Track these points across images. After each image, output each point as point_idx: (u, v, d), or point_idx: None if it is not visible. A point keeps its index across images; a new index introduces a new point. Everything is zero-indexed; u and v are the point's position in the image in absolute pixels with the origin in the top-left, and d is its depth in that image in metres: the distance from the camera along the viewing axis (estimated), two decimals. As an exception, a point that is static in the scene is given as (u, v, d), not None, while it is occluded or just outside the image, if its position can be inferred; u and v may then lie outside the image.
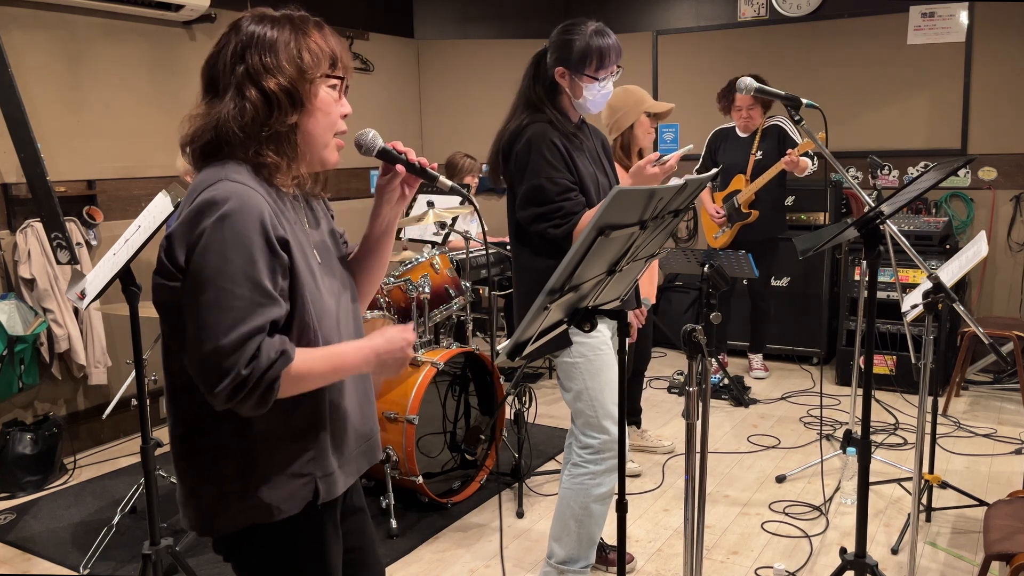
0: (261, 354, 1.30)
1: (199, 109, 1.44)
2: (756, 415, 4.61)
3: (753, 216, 4.88)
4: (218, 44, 1.44)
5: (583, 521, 2.63)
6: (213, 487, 1.42)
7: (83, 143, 4.25)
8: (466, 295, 3.92)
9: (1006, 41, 5.18)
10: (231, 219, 1.31)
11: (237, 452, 1.41)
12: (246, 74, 1.39)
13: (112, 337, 4.33)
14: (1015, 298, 5.33)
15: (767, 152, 4.87)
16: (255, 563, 1.48)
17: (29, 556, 3.20)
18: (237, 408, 1.33)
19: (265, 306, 1.32)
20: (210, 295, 1.30)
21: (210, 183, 1.35)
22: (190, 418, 1.43)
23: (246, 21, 1.43)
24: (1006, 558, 2.19)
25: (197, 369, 1.32)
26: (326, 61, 1.44)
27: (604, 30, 2.50)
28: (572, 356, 2.57)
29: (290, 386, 1.36)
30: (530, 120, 2.51)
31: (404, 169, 1.55)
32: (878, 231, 2.12)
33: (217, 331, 1.29)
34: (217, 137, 1.40)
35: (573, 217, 2.43)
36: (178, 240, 1.33)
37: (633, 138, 3.50)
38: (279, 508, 1.42)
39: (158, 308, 1.40)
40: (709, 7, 6.03)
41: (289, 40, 1.41)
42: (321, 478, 1.46)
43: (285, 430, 1.42)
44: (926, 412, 2.80)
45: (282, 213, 1.42)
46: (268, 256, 1.34)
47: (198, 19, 4.65)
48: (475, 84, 6.48)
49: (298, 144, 1.44)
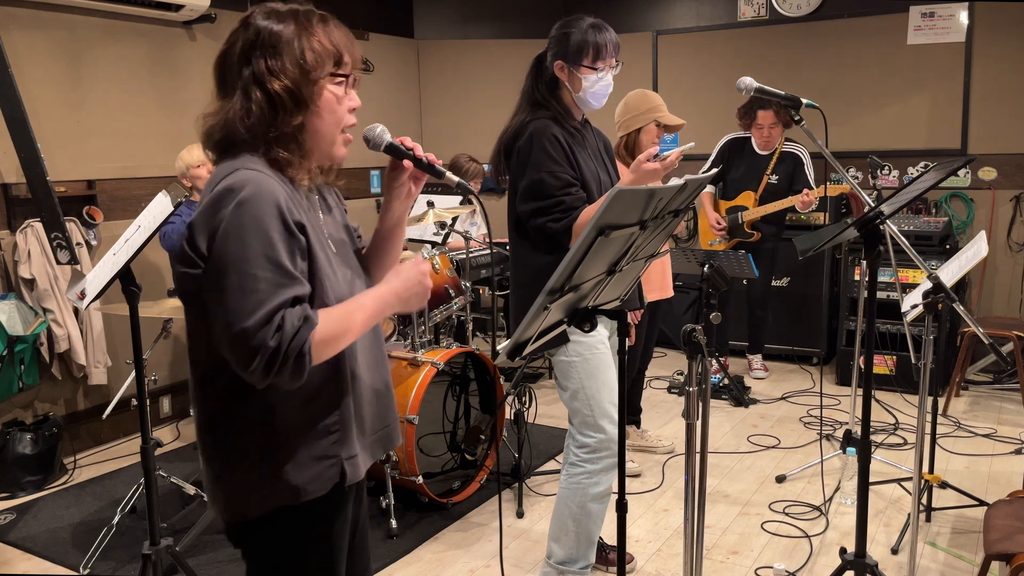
0: (285, 324, 1.33)
1: (212, 107, 1.47)
2: (756, 415, 4.61)
3: (755, 237, 4.89)
4: (228, 41, 1.46)
5: (581, 520, 2.63)
6: (240, 472, 1.45)
7: (83, 143, 4.25)
8: (466, 295, 3.92)
9: (1006, 41, 5.18)
10: (248, 204, 1.34)
11: (262, 437, 1.43)
12: (252, 76, 1.42)
13: (112, 337, 4.33)
14: (1015, 298, 5.33)
15: (782, 178, 4.85)
16: (277, 547, 1.49)
17: (29, 556, 3.20)
18: (276, 382, 1.35)
19: (287, 286, 1.35)
20: (233, 279, 1.33)
21: (227, 173, 1.39)
22: (215, 405, 1.45)
23: (255, 16, 1.45)
24: (1006, 558, 2.19)
25: (229, 352, 1.35)
26: (330, 60, 1.45)
27: (601, 24, 2.52)
28: (569, 355, 2.57)
29: (322, 349, 1.38)
30: (533, 116, 2.53)
31: (412, 165, 1.57)
32: (878, 231, 2.12)
33: (242, 313, 1.32)
34: (226, 136, 1.44)
35: (573, 212, 2.44)
36: (199, 228, 1.36)
37: (638, 142, 3.51)
38: (306, 490, 1.44)
39: (181, 297, 1.44)
40: (709, 7, 6.03)
41: (293, 39, 1.42)
42: (347, 460, 1.49)
43: (309, 414, 1.45)
44: (926, 412, 2.80)
45: (297, 201, 1.44)
46: (287, 238, 1.37)
47: (198, 19, 4.65)
48: (475, 84, 6.49)
49: (305, 142, 1.46)
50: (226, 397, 1.43)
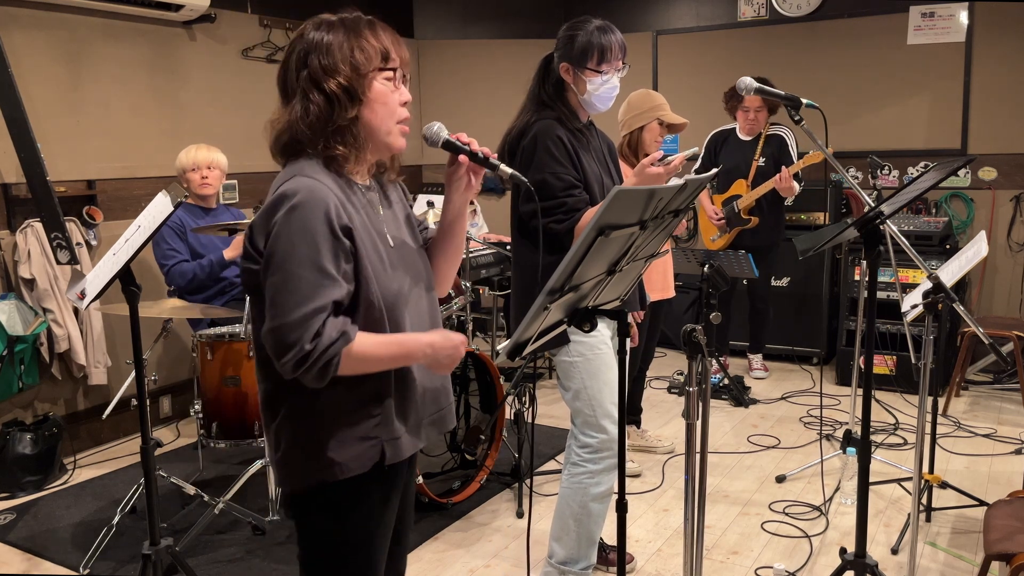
0: (324, 332, 1.47)
1: (276, 115, 1.62)
2: (756, 415, 4.61)
3: (753, 222, 4.88)
4: (287, 52, 1.62)
5: (582, 520, 2.63)
6: (290, 447, 1.60)
7: (83, 143, 4.25)
8: (466, 295, 3.92)
9: (1006, 41, 5.18)
10: (299, 211, 1.48)
11: (310, 414, 1.58)
12: (309, 78, 1.56)
13: (112, 337, 4.33)
14: (1015, 298, 5.33)
15: (768, 160, 4.86)
16: (323, 520, 1.63)
17: (29, 556, 3.19)
18: (301, 378, 1.50)
19: (327, 287, 1.48)
20: (279, 277, 1.48)
21: (286, 179, 1.54)
22: (272, 384, 1.61)
23: (307, 28, 1.60)
24: (1006, 558, 2.19)
25: (268, 342, 1.50)
26: (378, 56, 1.59)
27: (608, 27, 2.52)
28: (570, 355, 2.57)
29: (350, 365, 1.51)
30: (537, 116, 2.53)
31: (468, 159, 1.68)
32: (878, 231, 2.12)
33: (284, 309, 1.47)
34: (291, 137, 1.59)
35: (576, 213, 2.44)
36: (257, 229, 1.53)
37: (641, 140, 3.52)
38: (347, 467, 1.58)
39: (246, 288, 1.60)
40: (709, 7, 6.03)
41: (343, 42, 1.57)
42: (387, 441, 1.61)
43: (353, 396, 1.58)
44: (926, 412, 2.80)
45: (349, 202, 1.57)
46: (331, 242, 1.50)
47: (198, 19, 4.65)
48: (475, 84, 6.48)
49: (361, 135, 1.60)
50: (279, 379, 1.57)
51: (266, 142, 1.64)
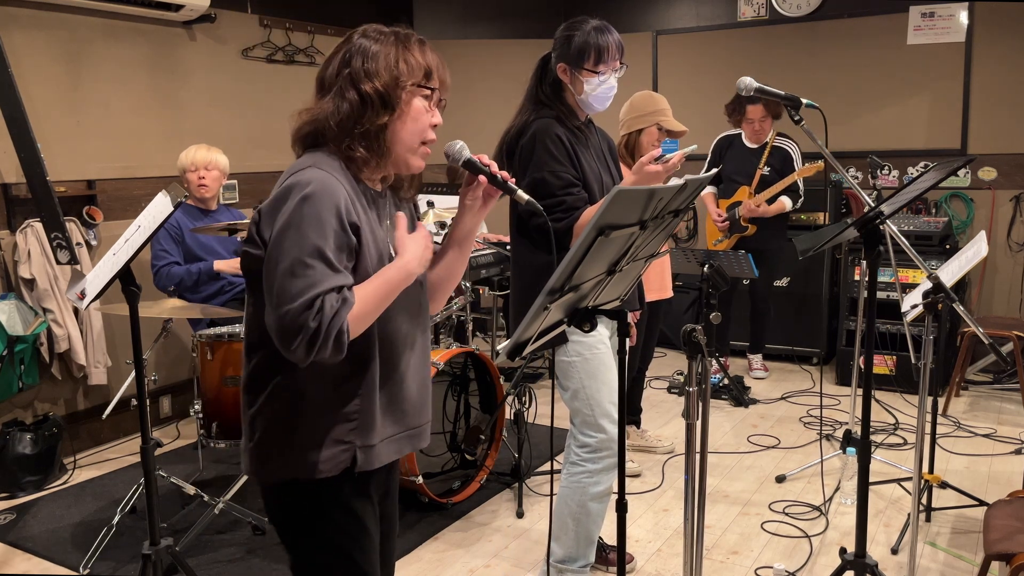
0: (325, 306, 1.46)
1: (307, 106, 1.62)
2: (756, 415, 4.61)
3: (751, 230, 4.89)
4: (334, 51, 1.63)
5: (581, 520, 2.64)
6: (265, 436, 1.60)
7: (83, 143, 4.24)
8: (466, 295, 3.92)
9: (1006, 41, 5.18)
10: (311, 200, 1.49)
11: (289, 409, 1.59)
12: (348, 77, 1.58)
13: (112, 337, 4.33)
14: (1015, 298, 5.33)
15: (773, 170, 4.86)
16: (291, 516, 1.63)
17: (29, 556, 3.19)
18: (318, 359, 1.48)
19: (331, 276, 1.49)
20: (285, 264, 1.47)
21: (300, 168, 1.54)
22: (252, 371, 1.62)
23: (357, 34, 1.62)
24: (1006, 558, 2.19)
25: (274, 330, 1.48)
26: (420, 72, 1.61)
27: (605, 27, 2.51)
28: (569, 355, 2.57)
29: (358, 324, 1.52)
30: (536, 116, 2.52)
31: (486, 180, 1.69)
32: (878, 231, 2.12)
33: (289, 295, 1.46)
34: (316, 130, 1.59)
35: (575, 212, 2.44)
36: (266, 215, 1.53)
37: (639, 143, 3.51)
38: (318, 467, 1.57)
39: (244, 272, 1.61)
40: (709, 7, 6.03)
41: (390, 51, 1.59)
42: (360, 448, 1.60)
43: (333, 397, 1.58)
44: (926, 412, 2.80)
45: (359, 203, 1.57)
46: (338, 235, 1.50)
47: (198, 19, 4.65)
48: (475, 84, 6.48)
49: (386, 143, 1.59)
50: (263, 366, 1.59)
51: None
